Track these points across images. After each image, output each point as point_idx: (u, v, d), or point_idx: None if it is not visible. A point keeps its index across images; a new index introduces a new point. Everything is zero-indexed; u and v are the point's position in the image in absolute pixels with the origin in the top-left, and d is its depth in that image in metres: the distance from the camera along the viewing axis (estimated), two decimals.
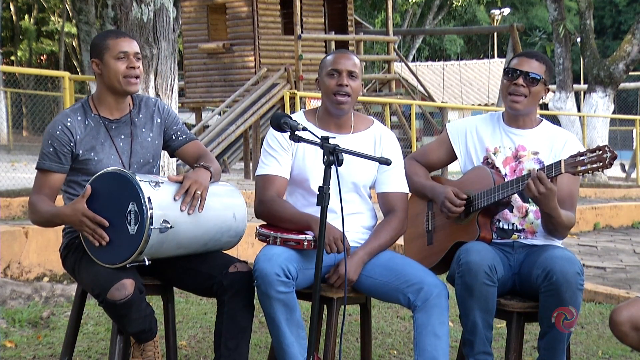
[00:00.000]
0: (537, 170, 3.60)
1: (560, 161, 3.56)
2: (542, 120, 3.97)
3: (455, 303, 3.69)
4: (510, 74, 3.82)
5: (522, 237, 3.85)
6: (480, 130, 3.97)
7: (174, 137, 3.90)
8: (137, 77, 3.71)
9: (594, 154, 3.49)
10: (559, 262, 3.55)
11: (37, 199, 3.67)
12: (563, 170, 3.54)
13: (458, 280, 3.62)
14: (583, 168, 3.50)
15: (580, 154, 3.52)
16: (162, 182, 3.50)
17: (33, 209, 3.69)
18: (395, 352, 5.19)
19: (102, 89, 3.75)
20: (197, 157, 3.86)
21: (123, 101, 3.78)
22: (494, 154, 3.90)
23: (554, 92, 18.70)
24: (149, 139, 3.83)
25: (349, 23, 19.29)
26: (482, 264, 3.55)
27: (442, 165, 4.15)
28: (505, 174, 3.85)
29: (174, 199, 3.50)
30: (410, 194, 4.04)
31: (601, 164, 3.48)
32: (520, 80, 3.80)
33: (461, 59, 35.02)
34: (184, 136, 3.91)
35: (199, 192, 3.55)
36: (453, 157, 4.04)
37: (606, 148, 3.48)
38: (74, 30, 30.75)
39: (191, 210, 3.53)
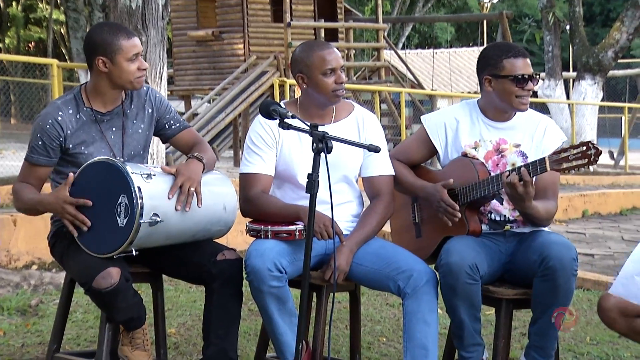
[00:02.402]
0: (511, 172, 3.56)
1: (544, 158, 3.54)
2: None
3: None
4: (520, 80, 3.73)
5: (514, 227, 3.83)
6: (460, 124, 3.89)
7: (167, 126, 3.87)
8: (144, 74, 3.73)
9: (578, 150, 3.46)
10: (556, 247, 3.55)
11: (22, 186, 3.68)
12: (548, 168, 3.53)
13: (441, 280, 3.62)
14: (568, 165, 3.48)
15: (564, 150, 3.48)
16: (154, 175, 3.50)
17: (17, 196, 3.70)
18: (384, 339, 5.20)
19: (102, 84, 3.68)
20: (191, 146, 3.85)
21: (119, 94, 3.75)
22: (475, 148, 3.85)
23: (543, 79, 18.72)
24: (140, 131, 3.80)
25: (339, 10, 19.25)
26: (462, 265, 3.54)
27: (424, 160, 4.05)
28: (489, 169, 3.80)
29: (168, 197, 3.49)
30: None
31: (586, 160, 3.45)
32: (531, 85, 3.76)
33: (451, 47, 34.98)
34: (177, 124, 3.89)
35: (192, 189, 3.54)
36: (434, 152, 3.97)
37: (590, 144, 3.45)
38: (62, 17, 30.59)
39: (187, 207, 3.53)
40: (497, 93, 3.80)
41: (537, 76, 3.80)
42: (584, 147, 3.45)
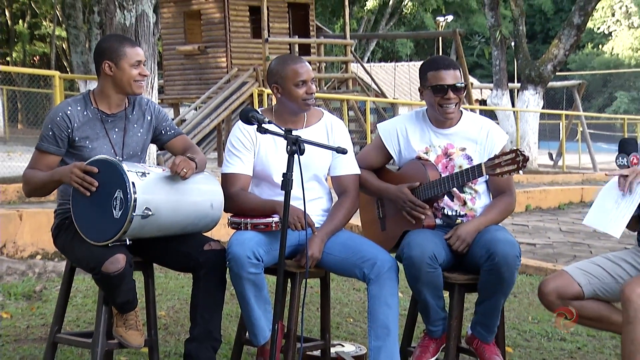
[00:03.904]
0: (446, 238, 3.68)
1: (481, 164, 3.58)
2: (462, 112, 3.88)
3: (404, 276, 3.70)
4: (439, 90, 3.70)
5: (464, 220, 3.82)
6: (409, 132, 3.87)
7: (163, 132, 3.86)
8: (144, 80, 3.74)
9: (509, 157, 3.49)
10: (501, 245, 3.54)
11: (32, 171, 3.66)
12: (484, 173, 3.57)
13: (405, 270, 3.61)
14: (500, 170, 3.51)
15: (497, 157, 3.52)
16: (149, 173, 3.48)
17: (27, 179, 3.66)
18: (351, 320, 5.21)
19: (107, 87, 3.70)
20: (184, 150, 3.84)
21: (123, 99, 3.75)
22: (426, 153, 3.84)
23: (491, 89, 18.82)
24: (139, 134, 3.80)
25: (311, 28, 19.21)
26: (423, 257, 3.54)
27: (383, 164, 4.02)
28: (440, 171, 3.79)
29: (166, 169, 3.51)
30: None
31: (515, 166, 3.48)
32: (451, 94, 3.71)
33: (411, 60, 35.05)
34: (173, 131, 3.88)
35: (185, 170, 3.53)
36: (390, 157, 3.96)
37: (518, 152, 3.48)
38: (63, 33, 30.29)
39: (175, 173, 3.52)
40: (427, 103, 3.82)
41: (461, 85, 3.73)
42: (514, 155, 3.49)
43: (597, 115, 31.28)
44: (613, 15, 46.57)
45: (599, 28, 46.51)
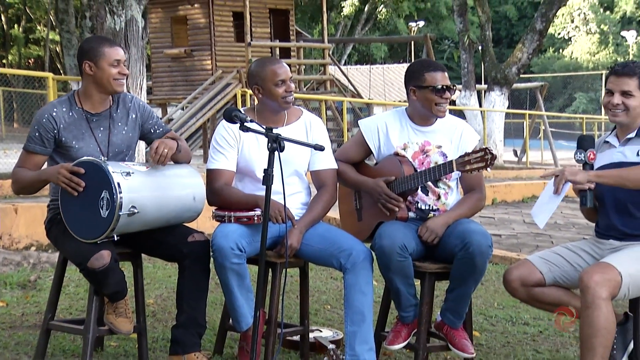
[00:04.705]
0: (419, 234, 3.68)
1: (452, 161, 3.57)
2: None
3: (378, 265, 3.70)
4: (439, 90, 3.71)
5: (437, 214, 3.81)
6: (389, 128, 3.86)
7: (152, 131, 3.81)
8: (124, 79, 3.68)
9: (478, 155, 3.49)
10: (475, 236, 3.54)
11: (20, 170, 3.63)
12: (455, 169, 3.56)
13: (377, 259, 3.61)
14: (470, 167, 3.51)
15: (467, 155, 3.52)
16: (133, 172, 3.45)
17: (16, 177, 3.63)
18: (329, 307, 5.21)
19: (90, 86, 3.64)
20: None
21: (106, 98, 3.69)
22: (404, 149, 3.84)
23: (460, 90, 18.89)
24: (124, 132, 3.74)
25: (291, 32, 19.17)
26: (393, 247, 3.53)
27: (363, 159, 4.01)
28: (416, 167, 3.78)
29: (151, 156, 3.49)
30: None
31: (484, 164, 3.48)
32: (448, 94, 3.74)
33: (384, 63, 35.08)
34: (161, 129, 3.84)
35: (165, 151, 3.51)
36: (370, 152, 3.94)
37: (487, 150, 3.48)
38: (57, 37, 29.98)
39: (156, 163, 3.52)
40: (420, 101, 3.79)
41: (454, 87, 3.80)
42: (483, 153, 3.49)
43: (558, 115, 31.49)
44: (572, 21, 46.90)
45: (559, 33, 46.82)
